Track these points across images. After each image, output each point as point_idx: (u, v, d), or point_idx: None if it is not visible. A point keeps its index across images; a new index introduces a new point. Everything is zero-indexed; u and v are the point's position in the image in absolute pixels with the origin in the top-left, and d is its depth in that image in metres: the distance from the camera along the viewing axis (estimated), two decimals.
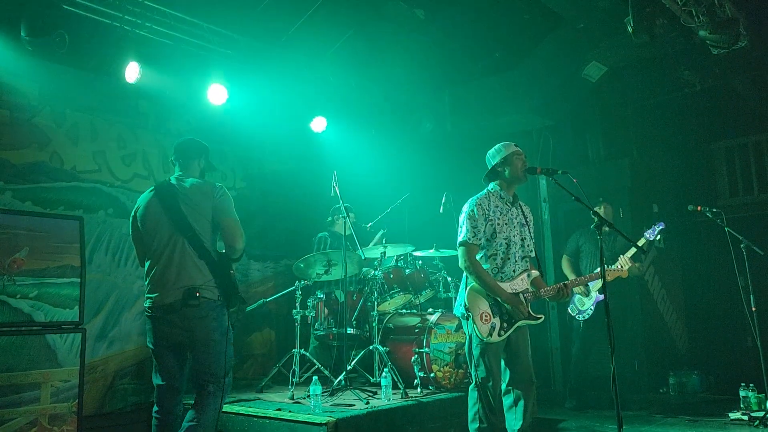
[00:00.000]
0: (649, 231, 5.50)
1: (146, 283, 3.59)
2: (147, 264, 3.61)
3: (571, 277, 5.94)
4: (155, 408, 3.61)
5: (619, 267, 5.39)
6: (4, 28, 5.45)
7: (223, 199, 3.54)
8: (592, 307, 5.85)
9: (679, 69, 7.22)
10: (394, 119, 7.93)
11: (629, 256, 5.52)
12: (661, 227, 5.46)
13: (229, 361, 3.49)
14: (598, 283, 5.70)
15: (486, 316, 3.67)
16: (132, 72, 5.82)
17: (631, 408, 5.94)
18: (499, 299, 3.70)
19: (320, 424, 4.04)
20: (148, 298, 3.54)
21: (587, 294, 5.88)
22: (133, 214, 3.77)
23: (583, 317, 5.95)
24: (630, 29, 5.05)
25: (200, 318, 3.39)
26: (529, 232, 3.95)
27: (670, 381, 6.96)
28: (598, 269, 3.68)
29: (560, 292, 3.84)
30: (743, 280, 5.44)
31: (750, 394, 5.41)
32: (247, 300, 3.95)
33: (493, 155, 3.97)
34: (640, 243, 5.43)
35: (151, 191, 3.68)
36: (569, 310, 6.08)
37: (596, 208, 6.37)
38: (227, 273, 3.49)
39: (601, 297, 5.78)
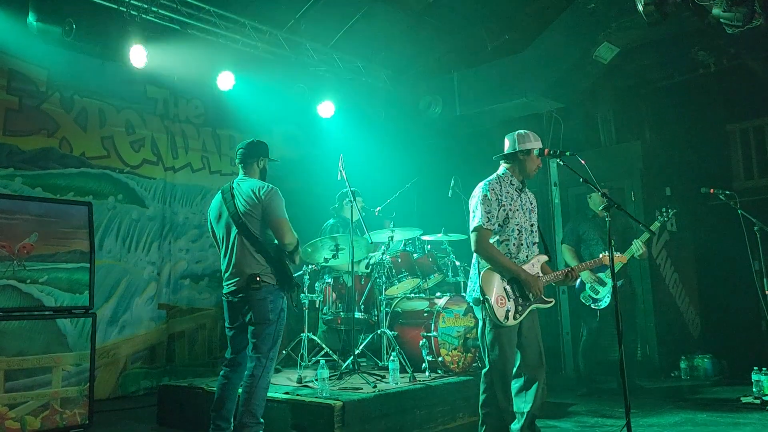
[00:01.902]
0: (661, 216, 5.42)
1: (223, 271, 4.12)
2: (221, 255, 4.14)
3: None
4: (222, 372, 4.06)
5: (635, 251, 5.37)
6: (12, 14, 5.47)
7: (270, 201, 3.95)
8: (609, 296, 5.77)
9: (693, 49, 7.08)
10: (403, 103, 7.87)
11: (644, 240, 5.47)
12: (674, 211, 5.37)
13: (278, 338, 3.95)
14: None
15: (501, 300, 3.64)
16: (138, 56, 5.82)
17: (642, 392, 5.90)
18: (518, 279, 3.68)
19: (328, 407, 4.05)
20: (224, 285, 4.08)
21: (602, 282, 5.79)
22: (208, 214, 4.31)
23: (599, 306, 5.86)
24: (640, 8, 4.93)
25: (260, 300, 3.88)
26: (536, 218, 3.94)
27: (682, 365, 6.90)
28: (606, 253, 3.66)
29: (568, 276, 3.85)
30: (757, 264, 5.37)
31: (763, 377, 5.33)
32: None
33: (522, 140, 3.82)
34: (653, 227, 5.36)
35: (219, 193, 4.19)
36: (582, 299, 5.98)
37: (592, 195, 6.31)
38: (282, 263, 3.97)
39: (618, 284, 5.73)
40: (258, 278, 3.86)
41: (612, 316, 5.79)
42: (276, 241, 4.00)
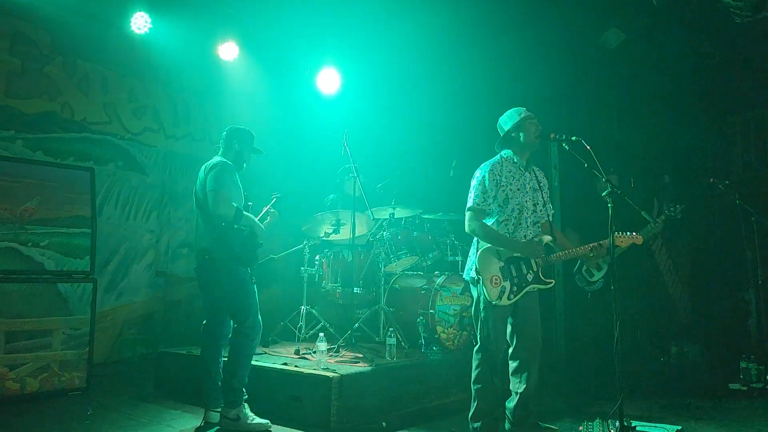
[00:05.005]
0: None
1: None
2: None
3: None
4: (202, 332, 4.32)
5: (634, 234, 5.38)
6: None
7: (208, 175, 4.04)
8: (603, 279, 5.83)
9: (699, 39, 7.06)
10: (407, 80, 7.82)
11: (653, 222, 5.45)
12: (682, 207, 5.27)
13: (249, 308, 4.05)
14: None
15: (496, 279, 3.68)
16: (143, 23, 5.77)
17: (630, 375, 5.99)
18: (514, 250, 3.72)
19: (325, 379, 4.11)
20: None
21: (599, 267, 5.84)
22: None
23: (592, 288, 5.92)
24: None
25: (214, 272, 4.05)
26: (542, 197, 3.91)
27: (671, 351, 6.99)
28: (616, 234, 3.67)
29: (594, 251, 3.76)
30: (751, 254, 5.42)
31: (750, 365, 5.44)
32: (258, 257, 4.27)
33: (505, 121, 3.93)
34: (658, 222, 5.35)
35: None
36: (576, 281, 6.04)
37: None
38: (231, 235, 4.02)
39: None
40: (207, 255, 4.02)
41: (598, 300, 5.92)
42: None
